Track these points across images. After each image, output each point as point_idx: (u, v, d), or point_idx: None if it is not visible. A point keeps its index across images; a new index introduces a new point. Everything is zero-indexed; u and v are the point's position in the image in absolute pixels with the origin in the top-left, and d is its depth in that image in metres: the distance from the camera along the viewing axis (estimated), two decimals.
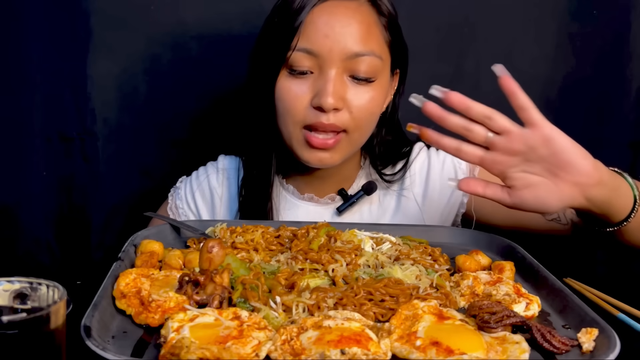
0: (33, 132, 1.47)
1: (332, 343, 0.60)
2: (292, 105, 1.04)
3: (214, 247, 0.80)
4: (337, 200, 1.18)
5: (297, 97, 1.03)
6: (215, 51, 1.47)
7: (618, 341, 0.64)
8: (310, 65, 1.02)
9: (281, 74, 1.04)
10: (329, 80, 1.01)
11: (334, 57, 1.01)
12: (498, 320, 0.66)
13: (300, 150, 1.07)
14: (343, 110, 1.03)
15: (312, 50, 1.01)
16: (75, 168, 1.49)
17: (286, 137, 1.07)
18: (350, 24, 1.01)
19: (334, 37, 1.00)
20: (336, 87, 1.01)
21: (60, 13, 1.42)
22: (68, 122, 1.47)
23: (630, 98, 1.54)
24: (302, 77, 1.03)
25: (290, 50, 1.01)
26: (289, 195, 1.19)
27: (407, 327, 0.66)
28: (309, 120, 1.03)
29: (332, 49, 1.00)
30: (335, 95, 1.00)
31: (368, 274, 0.83)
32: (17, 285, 0.60)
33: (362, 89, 1.04)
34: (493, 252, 0.97)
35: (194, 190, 1.25)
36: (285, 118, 1.05)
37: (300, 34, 1.00)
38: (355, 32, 1.01)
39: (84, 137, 1.48)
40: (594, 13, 1.49)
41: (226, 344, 0.61)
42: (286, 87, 1.04)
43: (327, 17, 1.01)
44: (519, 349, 0.62)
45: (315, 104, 1.02)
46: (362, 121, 1.05)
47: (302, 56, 1.01)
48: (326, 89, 1.00)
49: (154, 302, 0.70)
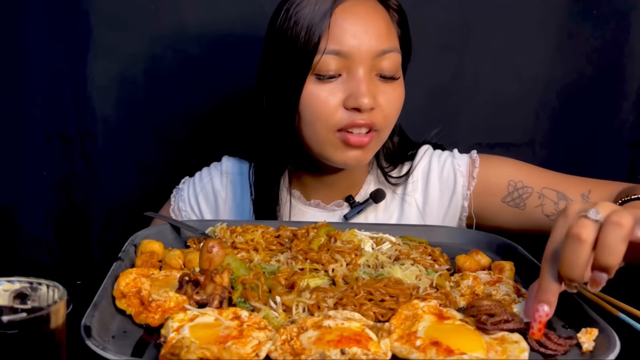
0: (33, 132, 1.47)
1: (332, 343, 0.60)
2: (323, 110, 1.01)
3: (214, 247, 0.80)
4: (344, 206, 1.17)
5: (328, 102, 1.01)
6: (215, 51, 1.47)
7: (618, 341, 0.64)
8: (338, 67, 1.00)
9: (308, 80, 1.01)
10: (361, 80, 1.00)
11: (363, 56, 1.00)
12: (495, 324, 0.66)
13: (335, 153, 1.05)
14: (377, 109, 1.02)
15: (341, 51, 0.99)
16: (75, 168, 1.49)
17: (316, 143, 1.05)
18: (374, 22, 1.01)
19: (361, 37, 0.99)
20: (369, 86, 1.00)
21: (60, 13, 1.42)
22: (68, 122, 1.47)
23: (630, 98, 1.54)
24: (330, 82, 1.01)
25: (319, 54, 0.99)
26: (295, 201, 1.17)
27: (407, 327, 0.66)
28: (343, 122, 1.01)
29: (361, 49, 0.99)
30: (370, 95, 1.00)
31: (368, 274, 0.83)
32: (17, 285, 0.60)
33: (390, 87, 1.04)
34: (493, 252, 0.97)
35: (197, 193, 1.24)
36: (316, 124, 1.03)
37: (328, 36, 0.99)
38: (379, 30, 1.01)
39: (84, 137, 1.48)
40: (594, 13, 1.49)
41: (226, 344, 0.61)
42: (315, 93, 1.01)
43: (352, 17, 1.00)
44: (518, 348, 0.62)
45: (351, 105, 1.00)
46: (391, 119, 1.06)
47: (331, 59, 0.99)
48: (361, 89, 0.99)
49: (154, 302, 0.70)
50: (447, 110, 1.51)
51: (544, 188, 1.07)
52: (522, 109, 1.54)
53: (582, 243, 0.61)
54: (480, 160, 1.14)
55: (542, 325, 0.65)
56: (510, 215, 1.11)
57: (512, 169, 1.12)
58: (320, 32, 0.98)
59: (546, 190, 1.07)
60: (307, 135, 1.05)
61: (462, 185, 1.14)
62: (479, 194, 1.13)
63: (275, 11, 1.05)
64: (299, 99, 1.02)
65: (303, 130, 1.05)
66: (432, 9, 1.48)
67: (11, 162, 1.48)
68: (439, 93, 1.51)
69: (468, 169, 1.15)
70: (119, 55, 1.45)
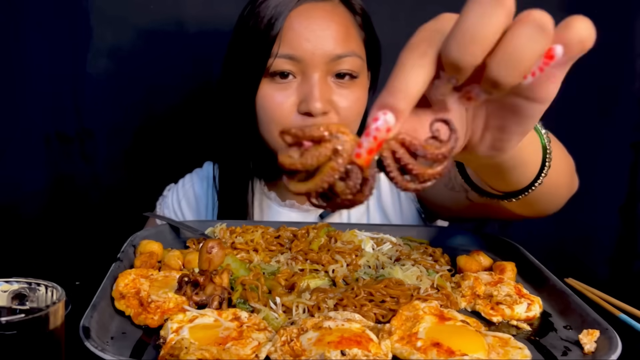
0: (32, 131, 1.47)
1: (333, 344, 0.60)
2: (276, 113, 1.01)
3: (214, 248, 0.80)
4: None
5: (282, 105, 1.00)
6: (215, 51, 1.46)
7: (619, 342, 0.64)
8: (292, 70, 1.00)
9: (262, 81, 1.01)
10: (314, 84, 0.98)
11: (317, 60, 0.98)
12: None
13: None
14: (331, 113, 1.01)
15: (294, 55, 0.98)
16: (75, 168, 1.49)
17: (271, 145, 1.05)
18: (329, 26, 0.99)
19: (315, 41, 0.98)
20: (322, 90, 0.99)
21: (60, 13, 1.42)
22: (67, 122, 1.47)
23: (631, 98, 1.54)
24: (285, 83, 1.00)
25: (272, 57, 0.98)
26: (271, 202, 1.17)
27: (407, 328, 0.66)
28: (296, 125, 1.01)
29: (315, 53, 0.98)
30: (322, 99, 0.98)
31: (368, 274, 0.82)
32: (16, 286, 0.60)
33: (347, 90, 1.02)
34: (494, 252, 0.97)
35: (180, 199, 1.24)
36: (270, 126, 1.02)
37: (280, 39, 0.98)
38: (335, 34, 0.99)
39: (83, 137, 1.48)
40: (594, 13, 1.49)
41: (226, 345, 0.61)
42: (269, 94, 1.01)
43: (306, 21, 0.99)
44: (521, 354, 0.62)
45: (303, 109, 0.99)
46: (350, 122, 1.03)
47: (284, 62, 0.98)
48: (313, 93, 0.98)
49: (153, 302, 0.70)
50: None
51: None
52: None
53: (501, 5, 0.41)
54: None
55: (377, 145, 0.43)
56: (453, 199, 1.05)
57: None
58: (275, 34, 0.98)
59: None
60: (265, 137, 1.05)
61: None
62: None
63: (243, 7, 1.05)
64: (254, 99, 1.02)
65: (260, 131, 1.05)
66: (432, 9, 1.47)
67: (11, 162, 1.48)
68: None
69: None
70: (119, 55, 1.45)
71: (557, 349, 0.67)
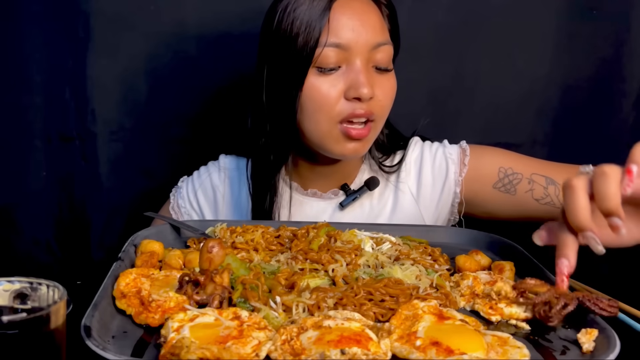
0: (33, 132, 1.47)
1: (332, 343, 0.60)
2: (325, 101, 1.05)
3: (214, 247, 0.80)
4: (340, 195, 1.20)
5: (330, 93, 1.05)
6: (215, 51, 1.47)
7: (618, 341, 0.64)
8: (338, 60, 1.05)
9: (309, 73, 1.05)
10: (360, 71, 1.04)
11: (360, 48, 1.04)
12: (558, 313, 0.68)
13: (335, 146, 1.08)
14: (374, 99, 1.06)
15: (341, 44, 1.04)
16: (75, 168, 1.49)
17: (317, 135, 1.08)
18: (368, 17, 1.06)
19: (359, 30, 1.04)
20: (367, 77, 1.05)
21: (60, 13, 1.42)
22: (68, 122, 1.47)
23: (630, 98, 1.54)
24: (331, 74, 1.05)
25: (321, 47, 1.03)
26: (293, 192, 1.20)
27: (407, 327, 0.66)
28: (345, 112, 1.05)
29: (359, 41, 1.04)
30: (369, 85, 1.04)
31: (368, 274, 0.83)
32: (17, 285, 0.60)
33: (385, 78, 1.08)
34: (493, 252, 0.97)
35: (196, 189, 1.26)
36: (318, 116, 1.06)
37: (328, 30, 1.04)
38: (374, 24, 1.06)
39: (84, 137, 1.48)
40: (594, 13, 1.49)
41: (226, 344, 0.61)
42: (317, 85, 1.05)
43: (349, 12, 1.05)
44: (520, 353, 0.62)
45: (352, 95, 1.04)
46: (386, 109, 1.10)
47: (331, 51, 1.04)
48: (360, 79, 1.03)
49: (154, 302, 0.70)
50: (447, 110, 1.51)
51: (533, 174, 1.12)
52: (522, 109, 1.54)
53: (574, 189, 0.70)
54: (470, 149, 1.19)
55: (566, 277, 0.71)
56: (500, 201, 1.14)
57: (501, 157, 1.17)
58: (321, 26, 1.03)
59: (535, 176, 1.12)
60: (308, 128, 1.08)
61: (454, 172, 1.18)
62: (470, 181, 1.17)
63: (269, 11, 1.09)
64: (300, 92, 1.06)
65: (304, 123, 1.08)
66: (432, 9, 1.48)
67: (11, 162, 1.48)
68: (439, 93, 1.51)
69: (459, 157, 1.19)
70: (119, 55, 1.46)
71: (555, 348, 0.67)
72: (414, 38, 1.16)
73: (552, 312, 0.67)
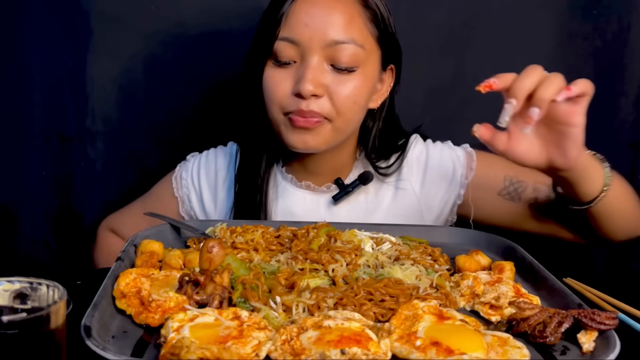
0: (32, 132, 1.47)
1: (332, 343, 0.60)
2: (274, 92, 1.07)
3: (214, 247, 0.80)
4: (334, 189, 1.20)
5: (279, 85, 1.06)
6: (215, 50, 1.47)
7: (618, 341, 0.65)
8: (293, 54, 1.05)
9: (267, 64, 1.08)
10: (308, 67, 1.04)
11: (314, 45, 1.04)
12: (553, 332, 0.68)
13: (285, 134, 1.09)
14: (324, 98, 1.05)
15: (293, 39, 1.04)
16: (75, 168, 1.49)
17: (273, 124, 1.11)
18: (330, 13, 1.04)
19: (313, 26, 1.04)
20: (315, 74, 1.04)
21: (60, 13, 1.42)
22: (67, 122, 1.47)
23: (630, 98, 1.54)
24: (286, 67, 1.06)
25: (274, 40, 1.05)
26: (287, 183, 1.21)
27: (407, 327, 0.66)
28: (290, 107, 1.06)
29: (312, 37, 1.04)
30: (313, 82, 1.03)
31: (368, 274, 0.83)
32: (17, 285, 0.60)
33: (344, 78, 1.06)
34: (493, 252, 0.97)
35: (200, 167, 1.27)
36: (270, 105, 1.09)
37: (282, 24, 1.05)
38: (335, 21, 1.04)
39: (83, 137, 1.48)
40: (594, 13, 1.49)
41: (226, 344, 0.61)
42: (270, 76, 1.08)
43: (308, 7, 1.05)
44: (520, 353, 0.62)
45: (294, 91, 1.05)
46: (344, 109, 1.07)
47: (285, 45, 1.05)
48: (305, 75, 1.03)
49: (154, 302, 0.70)
50: (447, 110, 1.51)
51: (537, 183, 1.13)
52: None
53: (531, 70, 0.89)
54: (476, 154, 1.19)
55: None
56: (505, 208, 1.15)
57: (507, 164, 1.15)
58: (277, 19, 1.05)
59: (539, 185, 1.12)
60: (269, 117, 1.11)
61: (460, 174, 1.18)
62: (476, 186, 1.17)
63: None
64: (260, 82, 1.09)
65: (267, 113, 1.11)
66: (432, 9, 1.48)
67: (10, 162, 1.48)
68: (439, 93, 1.51)
69: (466, 160, 1.19)
70: (119, 55, 1.46)
71: (555, 349, 0.67)
72: (414, 38, 1.16)
73: (548, 332, 0.67)
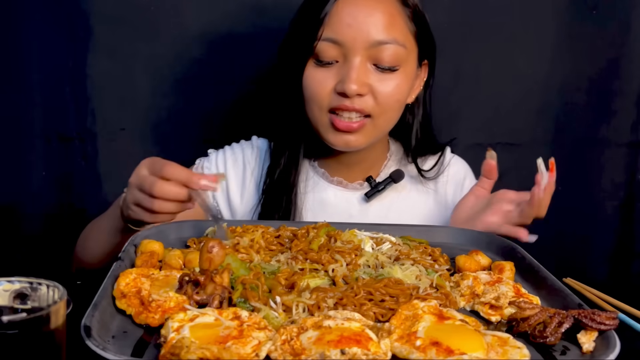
0: (33, 132, 1.47)
1: (332, 343, 0.60)
2: (317, 91, 1.09)
3: (214, 247, 0.80)
4: (366, 186, 1.23)
5: (322, 84, 1.09)
6: (215, 50, 1.47)
7: (618, 341, 0.65)
8: (335, 54, 1.08)
9: (308, 64, 1.10)
10: (352, 67, 1.06)
11: (357, 45, 1.06)
12: (554, 333, 0.68)
13: (326, 134, 1.12)
14: (367, 96, 1.08)
15: (336, 39, 1.06)
16: (75, 168, 1.49)
17: (313, 122, 1.13)
18: (372, 14, 1.06)
19: (357, 27, 1.06)
20: (359, 73, 1.06)
21: (60, 13, 1.42)
22: (67, 122, 1.48)
23: (630, 98, 1.54)
24: (328, 67, 1.09)
25: (317, 40, 1.06)
26: (319, 178, 1.23)
27: (407, 327, 0.66)
28: (333, 103, 1.08)
29: (356, 38, 1.06)
30: (358, 82, 1.06)
31: (368, 274, 0.83)
32: (17, 285, 0.60)
33: (387, 76, 1.09)
34: (493, 252, 0.97)
35: (227, 159, 1.27)
36: (311, 104, 1.11)
37: (325, 24, 1.06)
38: (377, 22, 1.06)
39: (84, 137, 1.48)
40: (594, 13, 1.49)
41: (226, 344, 0.61)
42: (312, 75, 1.10)
43: (351, 7, 1.07)
44: (520, 353, 0.62)
45: (339, 89, 1.07)
46: (386, 107, 1.10)
47: (327, 46, 1.07)
48: (349, 75, 1.06)
49: (154, 302, 0.70)
50: (447, 110, 1.51)
51: None
52: (522, 109, 1.55)
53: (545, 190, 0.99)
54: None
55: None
56: None
57: None
58: (320, 20, 1.06)
59: None
60: (308, 115, 1.13)
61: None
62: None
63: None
64: (301, 80, 1.10)
65: (306, 110, 1.12)
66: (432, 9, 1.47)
67: (11, 162, 1.48)
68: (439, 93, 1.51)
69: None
70: (119, 55, 1.46)
71: (555, 349, 0.67)
72: None
73: (548, 332, 0.67)
